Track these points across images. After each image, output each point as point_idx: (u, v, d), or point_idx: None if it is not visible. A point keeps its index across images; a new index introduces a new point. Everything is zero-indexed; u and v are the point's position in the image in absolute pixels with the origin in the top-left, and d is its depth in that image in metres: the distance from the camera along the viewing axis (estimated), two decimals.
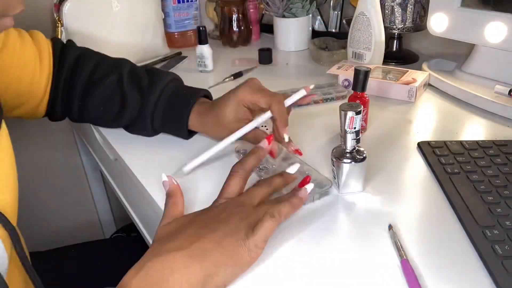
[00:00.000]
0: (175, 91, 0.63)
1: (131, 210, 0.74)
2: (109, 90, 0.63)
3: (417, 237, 0.45)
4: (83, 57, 0.66)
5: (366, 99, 0.63)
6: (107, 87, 0.63)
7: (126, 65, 0.66)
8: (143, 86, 0.63)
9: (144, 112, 0.62)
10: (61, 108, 0.66)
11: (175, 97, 0.63)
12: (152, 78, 0.64)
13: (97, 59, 0.66)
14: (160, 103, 0.62)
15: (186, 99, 0.62)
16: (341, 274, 0.41)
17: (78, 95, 0.64)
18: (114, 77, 0.64)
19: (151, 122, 0.63)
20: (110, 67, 0.65)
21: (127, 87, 0.63)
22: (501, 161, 0.55)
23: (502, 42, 0.69)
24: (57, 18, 0.87)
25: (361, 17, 0.83)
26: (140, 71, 0.65)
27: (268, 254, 0.44)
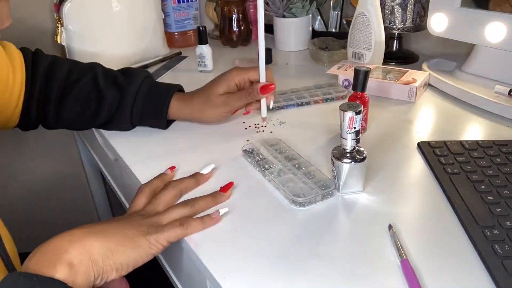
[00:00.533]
0: (153, 84, 0.67)
1: None
2: (85, 89, 0.65)
3: (417, 237, 0.45)
4: (55, 63, 0.67)
5: (366, 99, 0.63)
6: (83, 86, 0.65)
7: (99, 67, 0.68)
8: (120, 82, 0.65)
9: (123, 105, 0.64)
10: (35, 116, 0.66)
11: (154, 89, 0.66)
12: (128, 75, 0.66)
13: (69, 64, 0.68)
14: (140, 95, 0.65)
15: (165, 90, 0.66)
16: (341, 274, 0.41)
17: (55, 100, 0.65)
18: (88, 77, 0.65)
19: (131, 114, 0.65)
20: (84, 70, 0.67)
21: (103, 84, 0.65)
22: (501, 161, 0.55)
23: (502, 42, 0.69)
24: (57, 18, 0.87)
25: (361, 17, 0.83)
26: (113, 71, 0.68)
27: (268, 254, 0.44)
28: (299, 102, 0.76)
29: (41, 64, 0.66)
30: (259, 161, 0.58)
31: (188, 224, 0.45)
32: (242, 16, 1.10)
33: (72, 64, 0.68)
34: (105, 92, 0.64)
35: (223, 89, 0.64)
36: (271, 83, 0.64)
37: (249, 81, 0.65)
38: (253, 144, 0.62)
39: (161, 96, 0.65)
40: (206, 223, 0.47)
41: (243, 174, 0.57)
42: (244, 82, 0.65)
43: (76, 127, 0.70)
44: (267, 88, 0.63)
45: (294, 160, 0.58)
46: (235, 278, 0.42)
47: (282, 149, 0.61)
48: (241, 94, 0.64)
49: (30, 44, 0.95)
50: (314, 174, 0.55)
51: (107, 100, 0.64)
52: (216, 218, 0.48)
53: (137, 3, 0.95)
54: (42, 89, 0.65)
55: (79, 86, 0.65)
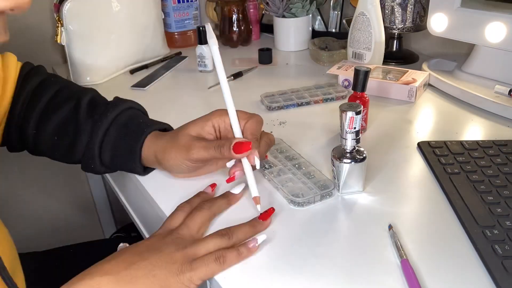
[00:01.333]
0: (131, 118, 0.56)
1: (131, 210, 0.74)
2: (64, 118, 0.57)
3: (417, 237, 0.45)
4: (45, 83, 0.61)
5: (366, 99, 0.63)
6: (62, 115, 0.58)
7: (88, 94, 0.59)
8: (97, 114, 0.56)
9: (92, 142, 0.55)
10: (17, 138, 0.61)
11: (129, 125, 0.55)
12: (108, 106, 0.57)
13: (59, 86, 0.61)
14: (111, 132, 0.55)
15: (140, 127, 0.55)
16: (341, 274, 0.41)
17: (33, 123, 0.59)
18: (71, 105, 0.58)
19: (99, 154, 0.55)
20: (71, 95, 0.59)
21: (82, 116, 0.56)
22: (501, 161, 0.55)
23: (502, 42, 0.69)
24: (57, 18, 0.87)
25: (361, 17, 0.83)
26: (100, 100, 0.59)
27: (268, 254, 0.44)
28: (299, 102, 0.76)
29: (31, 81, 0.60)
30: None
31: (224, 259, 0.42)
32: (242, 16, 1.10)
33: (62, 86, 0.61)
34: (81, 124, 0.56)
35: (195, 130, 0.51)
36: (249, 143, 0.48)
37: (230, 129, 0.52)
38: None
39: (134, 135, 0.54)
40: (243, 255, 0.43)
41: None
42: (224, 129, 0.52)
43: (56, 157, 0.61)
44: (243, 147, 0.47)
45: (294, 160, 0.58)
46: (235, 278, 0.42)
47: (283, 149, 0.61)
48: (209, 143, 0.49)
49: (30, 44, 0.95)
50: (314, 174, 0.55)
51: (81, 135, 0.55)
52: (253, 249, 0.43)
53: (137, 3, 0.95)
54: (23, 108, 0.59)
55: (58, 114, 0.58)
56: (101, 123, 0.55)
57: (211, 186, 0.53)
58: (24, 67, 0.63)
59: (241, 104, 0.59)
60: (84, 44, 0.89)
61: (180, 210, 0.48)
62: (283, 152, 0.60)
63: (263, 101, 0.76)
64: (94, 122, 0.56)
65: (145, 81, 0.91)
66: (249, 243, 0.43)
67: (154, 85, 0.90)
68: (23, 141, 0.61)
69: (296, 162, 0.57)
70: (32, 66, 0.64)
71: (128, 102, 0.58)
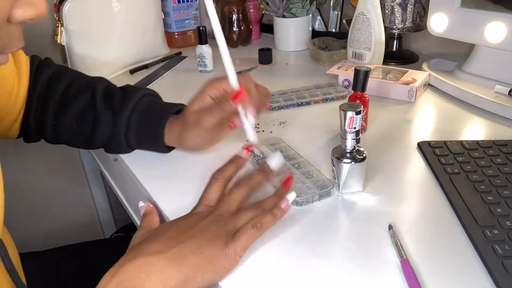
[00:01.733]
0: (148, 106, 0.60)
1: (131, 210, 0.74)
2: (82, 108, 0.60)
3: (417, 237, 0.45)
4: (57, 75, 0.63)
5: (366, 99, 0.63)
6: (80, 105, 0.61)
7: (101, 83, 0.63)
8: (115, 103, 0.60)
9: (117, 130, 0.59)
10: (35, 129, 0.64)
11: (148, 113, 0.60)
12: (125, 95, 0.60)
13: (71, 77, 0.64)
14: (133, 120, 0.59)
15: (160, 113, 0.59)
16: (341, 273, 0.41)
17: (52, 114, 0.62)
18: (87, 95, 0.61)
19: (126, 141, 0.60)
20: (84, 85, 0.63)
21: (100, 105, 0.60)
22: (501, 161, 0.55)
23: (502, 42, 0.69)
24: (57, 18, 0.87)
25: (361, 17, 0.83)
26: (114, 89, 0.62)
27: (268, 254, 0.44)
28: (299, 102, 0.76)
29: (43, 74, 0.63)
30: (258, 160, 0.58)
31: (261, 223, 0.44)
32: (242, 16, 1.10)
33: (74, 77, 0.64)
34: (100, 115, 0.59)
35: (197, 105, 0.55)
36: (242, 90, 0.52)
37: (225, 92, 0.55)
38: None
39: (155, 123, 0.59)
40: (278, 216, 0.45)
41: (242, 173, 0.57)
42: (220, 94, 0.55)
43: (76, 145, 0.65)
44: (238, 95, 0.51)
45: (294, 160, 0.58)
46: (235, 278, 0.42)
47: (282, 149, 0.61)
48: (213, 108, 0.54)
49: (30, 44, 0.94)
50: (313, 174, 0.55)
51: (102, 123, 0.59)
52: (286, 208, 0.46)
53: (137, 3, 0.95)
54: (39, 102, 0.62)
55: (76, 104, 0.61)
56: (122, 113, 0.59)
57: (246, 148, 0.53)
58: (33, 61, 0.64)
59: None
60: (84, 44, 0.89)
61: (214, 182, 0.48)
62: (283, 151, 0.60)
63: None
64: (113, 111, 0.59)
65: (145, 81, 0.91)
66: (281, 203, 0.46)
67: (154, 85, 0.90)
68: (42, 132, 0.64)
69: (295, 162, 0.57)
70: (40, 59, 0.66)
71: (142, 90, 0.62)
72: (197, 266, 0.40)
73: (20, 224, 1.15)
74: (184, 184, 0.56)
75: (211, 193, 0.48)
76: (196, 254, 0.40)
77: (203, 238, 0.42)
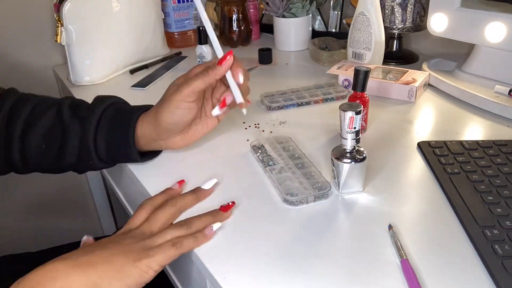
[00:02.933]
0: (117, 111, 0.58)
1: (131, 210, 0.74)
2: (49, 124, 0.58)
3: (417, 237, 0.45)
4: (20, 102, 0.60)
5: (366, 99, 0.63)
6: (46, 121, 0.58)
7: (67, 100, 0.61)
8: (83, 112, 0.57)
9: (85, 139, 0.56)
10: (2, 159, 0.59)
11: (117, 117, 0.57)
12: (92, 104, 0.59)
13: (36, 101, 0.60)
14: (102, 125, 0.56)
15: (128, 115, 0.57)
16: (341, 273, 0.41)
17: (17, 138, 0.58)
18: (53, 110, 0.58)
19: (95, 149, 0.56)
20: (49, 104, 0.60)
21: (67, 118, 0.57)
22: (501, 161, 0.55)
23: (502, 42, 0.69)
24: (57, 18, 0.87)
25: (361, 17, 0.83)
26: (81, 101, 0.61)
27: (268, 254, 0.44)
28: (299, 102, 0.76)
29: (6, 101, 0.60)
30: (263, 158, 0.58)
31: (181, 244, 0.43)
32: (242, 16, 1.10)
33: (39, 100, 0.61)
34: (68, 126, 0.57)
35: (180, 79, 0.55)
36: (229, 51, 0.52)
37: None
38: (260, 140, 0.63)
39: (124, 124, 0.56)
40: (199, 241, 0.45)
41: (248, 170, 0.58)
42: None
43: (45, 167, 0.60)
44: (225, 56, 0.52)
45: (298, 159, 0.58)
46: (235, 278, 0.42)
47: (290, 147, 0.61)
48: (196, 74, 0.53)
49: (30, 44, 0.95)
50: (314, 175, 0.55)
51: (70, 136, 0.56)
52: (209, 234, 0.46)
53: (137, 3, 0.95)
54: (3, 127, 0.58)
55: (42, 121, 0.58)
56: (90, 120, 0.56)
57: (178, 182, 0.54)
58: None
59: None
60: (84, 44, 0.89)
61: (142, 208, 0.49)
62: (289, 150, 0.60)
63: (263, 101, 0.76)
64: (81, 121, 0.57)
65: (145, 81, 0.91)
66: (205, 229, 0.46)
67: (154, 85, 0.90)
68: (9, 161, 0.60)
69: (300, 162, 0.57)
70: (3, 89, 0.63)
71: (111, 98, 0.60)
72: (104, 273, 0.40)
73: (20, 224, 1.15)
74: (184, 184, 0.56)
75: (135, 218, 0.48)
76: (105, 263, 0.41)
77: (116, 249, 0.42)
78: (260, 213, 0.50)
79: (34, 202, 1.17)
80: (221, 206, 0.49)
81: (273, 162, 0.57)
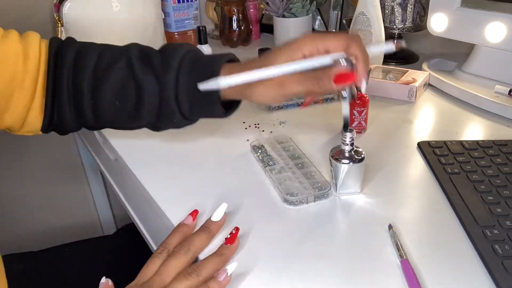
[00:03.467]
0: (195, 60, 0.52)
1: (131, 210, 0.74)
2: (120, 78, 0.53)
3: (417, 237, 0.45)
4: (83, 51, 0.56)
5: (366, 99, 0.63)
6: (116, 76, 0.53)
7: (134, 48, 0.55)
8: (156, 66, 0.52)
9: (165, 97, 0.52)
10: (72, 116, 0.56)
11: (197, 68, 0.52)
12: (164, 55, 0.53)
13: (99, 50, 0.56)
14: (181, 82, 0.51)
15: (210, 65, 0.51)
16: (341, 274, 0.41)
17: (87, 94, 0.54)
18: (122, 63, 0.53)
19: (177, 104, 0.52)
20: (116, 54, 0.55)
21: (139, 71, 0.53)
22: (501, 161, 0.55)
23: (502, 42, 0.69)
24: (57, 18, 0.87)
25: (361, 17, 0.83)
26: (150, 50, 0.55)
27: (268, 254, 0.44)
28: (299, 102, 0.76)
29: (66, 55, 0.55)
30: (263, 158, 0.58)
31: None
32: (242, 16, 1.10)
33: (102, 49, 0.56)
34: (142, 82, 0.52)
35: (283, 61, 0.47)
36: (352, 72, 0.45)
37: (326, 53, 0.47)
38: (260, 140, 0.63)
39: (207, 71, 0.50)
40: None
41: (248, 171, 0.58)
42: (316, 52, 0.47)
43: (122, 124, 0.58)
44: (347, 77, 0.45)
45: (298, 159, 0.58)
46: (235, 278, 0.42)
47: (290, 147, 0.61)
48: (306, 76, 0.47)
49: None
50: (314, 175, 0.55)
51: (147, 92, 0.52)
52: (224, 282, 0.40)
53: (137, 3, 0.95)
54: (70, 85, 0.54)
55: (112, 76, 0.53)
56: (167, 74, 0.52)
57: (191, 215, 0.48)
58: (52, 41, 0.57)
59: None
60: None
61: (155, 257, 0.43)
62: (290, 150, 0.60)
63: None
64: (157, 75, 0.52)
65: None
66: (218, 276, 0.40)
67: None
68: (81, 117, 0.56)
69: (300, 162, 0.57)
70: (60, 40, 0.58)
71: (182, 46, 0.54)
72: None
73: (19, 224, 1.15)
74: (185, 184, 0.56)
75: (148, 268, 0.42)
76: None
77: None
78: (260, 213, 0.50)
79: (33, 201, 1.17)
80: (226, 239, 0.44)
81: (273, 162, 0.57)
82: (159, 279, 0.41)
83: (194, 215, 0.48)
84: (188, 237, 0.45)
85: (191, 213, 0.48)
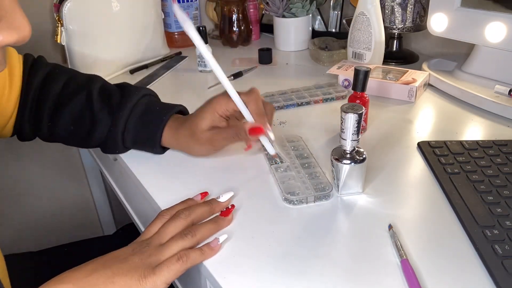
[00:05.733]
0: (147, 107, 0.61)
1: (131, 210, 0.74)
2: (78, 109, 0.61)
3: (417, 237, 0.45)
4: (52, 75, 0.63)
5: (366, 99, 0.63)
6: (76, 106, 0.61)
7: (96, 82, 0.63)
8: (113, 104, 0.60)
9: (114, 131, 0.60)
10: (30, 128, 0.64)
11: (147, 114, 0.60)
12: (123, 95, 0.61)
13: (66, 77, 0.63)
14: (131, 121, 0.60)
15: (158, 116, 0.60)
16: (341, 274, 0.41)
17: (47, 115, 0.62)
18: (83, 95, 0.61)
19: (122, 141, 0.61)
20: (80, 85, 0.62)
21: (97, 106, 0.60)
22: (501, 161, 0.55)
23: (502, 42, 0.69)
24: (57, 18, 0.87)
25: (361, 17, 0.83)
26: (111, 88, 0.62)
27: (268, 254, 0.44)
28: (299, 102, 0.76)
29: (38, 73, 0.63)
30: (271, 156, 0.58)
31: (187, 258, 0.43)
32: (242, 16, 1.10)
33: (69, 77, 0.64)
34: (97, 115, 0.60)
35: (208, 124, 0.56)
36: (260, 126, 0.54)
37: (235, 111, 0.56)
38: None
39: (153, 124, 0.59)
40: (206, 254, 0.44)
41: (254, 168, 0.58)
42: (229, 113, 0.57)
43: (72, 144, 0.65)
44: (257, 131, 0.54)
45: (306, 159, 0.58)
46: (235, 278, 0.42)
47: (299, 147, 0.61)
48: (228, 133, 0.56)
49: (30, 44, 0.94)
50: (319, 175, 0.55)
51: (99, 124, 0.60)
52: (216, 247, 0.45)
53: (137, 3, 0.95)
54: (34, 102, 0.62)
55: (72, 105, 0.61)
56: (121, 114, 0.59)
57: (201, 194, 0.52)
58: (26, 59, 0.64)
59: None
60: (84, 44, 0.89)
61: (158, 218, 0.48)
62: (298, 150, 0.60)
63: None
64: (111, 112, 0.60)
65: (145, 81, 0.91)
66: (211, 243, 0.45)
67: (154, 85, 0.90)
68: (37, 131, 0.64)
69: (306, 161, 0.57)
70: (33, 57, 0.65)
71: (140, 90, 0.62)
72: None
73: (19, 224, 1.15)
74: (184, 184, 0.56)
75: (150, 228, 0.47)
76: (107, 284, 0.40)
77: (120, 268, 0.41)
78: (261, 212, 0.50)
79: (33, 201, 1.17)
80: (222, 212, 0.49)
81: (280, 161, 0.58)
82: (158, 238, 0.45)
83: (203, 195, 0.52)
84: (191, 206, 0.49)
85: (201, 193, 0.52)
